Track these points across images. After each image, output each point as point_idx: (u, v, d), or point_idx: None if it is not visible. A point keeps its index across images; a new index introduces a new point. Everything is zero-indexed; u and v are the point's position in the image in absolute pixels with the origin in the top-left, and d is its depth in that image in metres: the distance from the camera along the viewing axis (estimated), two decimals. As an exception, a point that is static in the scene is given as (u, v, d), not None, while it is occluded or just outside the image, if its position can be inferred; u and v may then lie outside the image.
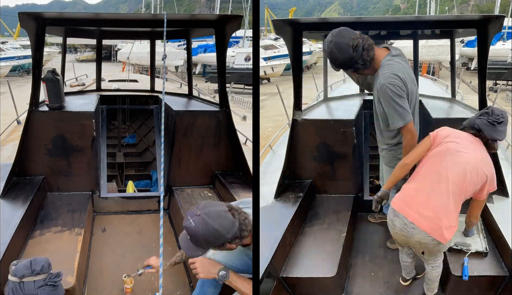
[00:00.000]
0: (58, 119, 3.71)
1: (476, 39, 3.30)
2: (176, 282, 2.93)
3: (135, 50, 15.99)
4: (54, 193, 3.69)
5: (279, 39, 25.54)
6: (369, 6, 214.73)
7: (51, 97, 3.73)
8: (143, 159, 5.63)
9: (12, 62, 25.07)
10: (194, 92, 5.37)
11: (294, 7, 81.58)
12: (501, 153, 3.51)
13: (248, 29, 27.76)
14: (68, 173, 3.75)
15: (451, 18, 3.97)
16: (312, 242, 2.93)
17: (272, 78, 22.14)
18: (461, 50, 23.40)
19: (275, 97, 9.29)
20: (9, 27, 49.98)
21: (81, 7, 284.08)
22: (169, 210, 3.89)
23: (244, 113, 12.76)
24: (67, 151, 3.72)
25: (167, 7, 43.10)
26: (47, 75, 3.75)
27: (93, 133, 3.75)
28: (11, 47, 30.08)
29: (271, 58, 22.66)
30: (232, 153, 3.99)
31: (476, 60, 16.86)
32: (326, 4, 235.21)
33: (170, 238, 3.42)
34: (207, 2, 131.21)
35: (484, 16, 3.18)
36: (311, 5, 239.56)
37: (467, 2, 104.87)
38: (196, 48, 24.57)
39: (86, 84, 8.10)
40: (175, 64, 23.47)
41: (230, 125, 3.96)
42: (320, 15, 48.33)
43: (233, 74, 19.35)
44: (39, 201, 3.47)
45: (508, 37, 21.97)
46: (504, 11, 31.14)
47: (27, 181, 3.56)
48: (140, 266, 2.48)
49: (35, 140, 3.66)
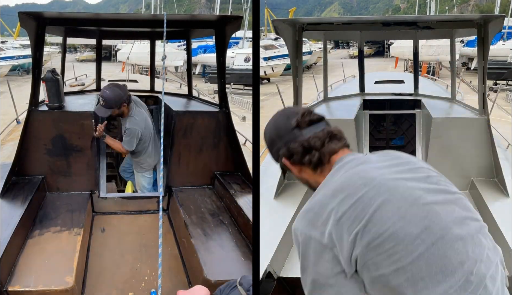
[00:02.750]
0: (57, 119, 3.70)
1: (476, 39, 3.30)
2: (175, 282, 2.93)
3: (135, 50, 15.98)
4: (54, 193, 3.68)
5: (279, 39, 25.56)
6: (369, 6, 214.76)
7: (50, 97, 3.72)
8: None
9: (11, 62, 25.09)
10: (193, 92, 5.37)
11: (294, 7, 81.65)
12: (501, 153, 3.50)
13: (247, 30, 27.78)
14: (68, 173, 3.74)
15: (451, 18, 3.96)
16: None
17: (272, 78, 22.16)
18: (461, 50, 23.41)
19: (275, 97, 9.29)
20: (9, 27, 49.97)
21: (81, 7, 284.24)
22: (168, 210, 3.88)
23: (243, 113, 12.76)
24: (67, 151, 3.71)
25: (167, 7, 43.14)
26: (47, 74, 3.74)
27: (93, 133, 3.75)
28: (11, 46, 30.10)
29: (271, 58, 22.67)
30: (231, 153, 3.99)
31: (476, 60, 16.86)
32: (326, 4, 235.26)
33: (169, 238, 3.42)
34: (207, 2, 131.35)
35: (484, 16, 3.18)
36: (311, 5, 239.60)
37: (467, 2, 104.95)
38: (196, 49, 24.58)
39: (86, 84, 8.09)
40: (175, 64, 23.48)
41: (229, 125, 3.96)
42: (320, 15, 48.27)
43: (233, 75, 19.35)
44: (38, 201, 3.46)
45: (508, 37, 21.98)
46: (504, 11, 31.18)
47: (26, 181, 3.55)
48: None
49: (35, 139, 3.65)
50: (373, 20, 3.82)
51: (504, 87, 16.57)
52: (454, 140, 3.36)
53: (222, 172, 3.94)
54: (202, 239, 2.96)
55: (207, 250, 2.82)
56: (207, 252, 2.77)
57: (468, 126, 3.35)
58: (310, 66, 26.05)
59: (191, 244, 2.91)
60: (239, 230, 3.15)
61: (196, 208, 3.48)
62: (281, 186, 3.39)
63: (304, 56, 21.58)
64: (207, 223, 3.22)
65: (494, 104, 5.58)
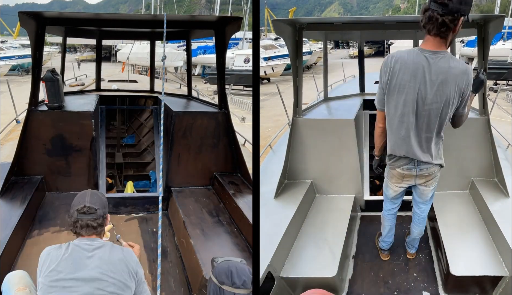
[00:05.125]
0: (57, 119, 3.70)
1: (476, 39, 3.29)
2: (175, 282, 2.92)
3: (134, 50, 16.00)
4: (53, 193, 3.68)
5: (279, 39, 25.56)
6: (369, 6, 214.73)
7: (50, 97, 3.72)
8: (142, 159, 5.62)
9: (11, 61, 25.11)
10: (193, 93, 5.37)
11: (294, 7, 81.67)
12: (501, 153, 3.50)
13: (247, 31, 27.78)
14: (67, 173, 3.74)
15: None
16: (312, 242, 2.92)
17: (272, 78, 22.15)
18: (461, 50, 23.39)
19: (275, 97, 9.29)
20: (8, 26, 49.97)
21: (81, 7, 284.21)
22: (167, 210, 3.88)
23: (243, 114, 12.75)
24: (66, 151, 3.71)
25: (167, 8, 43.16)
26: (46, 74, 3.74)
27: (92, 133, 3.74)
28: (10, 46, 30.10)
29: (271, 58, 22.67)
30: (231, 154, 3.99)
31: (476, 60, 16.86)
32: (326, 4, 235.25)
33: (168, 238, 3.42)
34: (207, 3, 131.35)
35: (484, 16, 3.17)
36: (311, 5, 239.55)
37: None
38: (195, 49, 24.59)
39: (86, 84, 8.08)
40: (175, 65, 23.51)
41: (229, 126, 3.96)
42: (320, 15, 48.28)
43: (232, 75, 19.36)
44: (38, 200, 3.46)
45: (508, 37, 21.97)
46: (504, 11, 31.17)
47: (25, 180, 3.55)
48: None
49: (34, 139, 3.65)
50: (373, 20, 3.81)
51: (504, 87, 16.56)
52: (454, 140, 3.35)
53: (222, 173, 3.94)
54: (201, 239, 2.96)
55: (206, 250, 2.81)
56: (206, 252, 2.77)
57: (468, 126, 3.35)
58: (310, 66, 26.04)
59: (190, 245, 2.90)
60: (238, 230, 3.15)
61: (196, 209, 3.48)
62: (281, 186, 3.39)
63: (304, 56, 21.58)
64: (206, 224, 3.21)
65: (494, 104, 5.56)
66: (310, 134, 3.54)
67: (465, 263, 2.62)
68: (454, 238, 2.87)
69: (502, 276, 2.52)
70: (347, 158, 3.53)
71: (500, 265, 2.58)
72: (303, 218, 3.21)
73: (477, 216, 3.13)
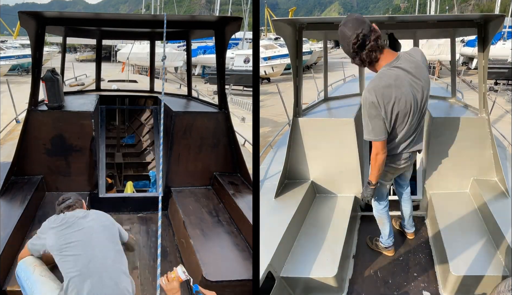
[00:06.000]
0: (57, 119, 3.70)
1: (476, 38, 3.29)
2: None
3: (134, 50, 15.99)
4: (53, 192, 3.68)
5: (279, 39, 25.56)
6: (369, 6, 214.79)
7: (50, 97, 3.72)
8: (142, 159, 5.62)
9: (11, 61, 25.09)
10: (193, 93, 5.36)
11: (294, 7, 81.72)
12: (501, 153, 3.50)
13: (247, 31, 27.78)
14: (67, 173, 3.74)
15: (451, 18, 3.94)
16: (312, 242, 2.92)
17: (272, 78, 22.15)
18: (461, 49, 23.39)
19: (275, 97, 9.28)
20: (8, 26, 50.01)
21: (81, 7, 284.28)
22: (167, 210, 3.88)
23: (243, 114, 12.74)
24: (66, 151, 3.71)
25: (167, 8, 43.16)
26: (46, 74, 3.74)
27: (92, 133, 3.74)
28: (10, 46, 30.08)
29: (271, 58, 22.67)
30: (230, 154, 3.99)
31: (476, 60, 16.86)
32: (326, 4, 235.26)
33: (168, 238, 3.42)
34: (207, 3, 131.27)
35: (485, 16, 3.16)
36: (311, 4, 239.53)
37: (468, 2, 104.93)
38: (195, 49, 24.59)
39: (86, 84, 8.07)
40: (175, 65, 23.50)
41: (229, 126, 3.95)
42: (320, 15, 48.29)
43: (232, 75, 19.35)
44: (37, 200, 3.46)
45: (508, 36, 21.98)
46: (505, 10, 31.17)
47: (25, 180, 3.55)
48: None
49: (34, 139, 3.65)
50: (373, 19, 3.80)
51: (505, 87, 16.55)
52: (454, 140, 3.35)
53: (221, 173, 3.94)
54: (201, 239, 2.96)
55: (206, 250, 2.81)
56: (206, 253, 2.77)
57: (468, 125, 3.35)
58: (310, 66, 26.00)
59: (190, 245, 2.90)
60: (238, 230, 3.14)
61: (195, 209, 3.47)
62: (281, 186, 3.38)
63: (304, 56, 21.58)
64: (206, 224, 3.21)
65: (494, 104, 5.57)
66: (310, 134, 3.54)
67: (465, 263, 2.62)
68: (454, 238, 2.87)
69: (502, 276, 2.52)
70: (347, 158, 3.53)
71: (500, 265, 2.58)
72: (303, 218, 3.21)
73: (477, 216, 3.12)
